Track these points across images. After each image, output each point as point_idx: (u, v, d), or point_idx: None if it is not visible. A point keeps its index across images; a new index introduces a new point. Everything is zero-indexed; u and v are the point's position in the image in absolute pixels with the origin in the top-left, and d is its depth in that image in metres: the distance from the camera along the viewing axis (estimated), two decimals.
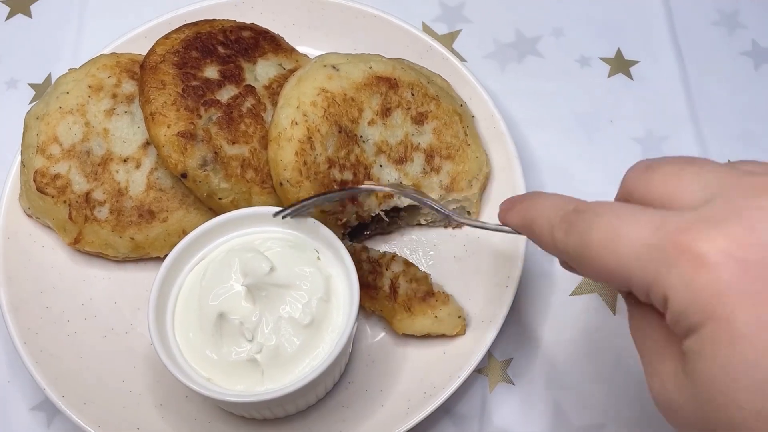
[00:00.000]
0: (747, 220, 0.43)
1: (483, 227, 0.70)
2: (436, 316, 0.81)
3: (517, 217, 0.59)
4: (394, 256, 0.84)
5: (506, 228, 0.62)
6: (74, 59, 1.05)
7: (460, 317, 0.81)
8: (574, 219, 0.51)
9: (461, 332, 0.81)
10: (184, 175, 0.82)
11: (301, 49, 0.98)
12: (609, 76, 1.05)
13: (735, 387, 0.41)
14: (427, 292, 0.81)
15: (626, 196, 0.51)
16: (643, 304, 0.48)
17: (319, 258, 0.79)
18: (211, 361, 0.73)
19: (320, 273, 0.76)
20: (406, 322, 0.81)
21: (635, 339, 0.51)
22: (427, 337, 0.83)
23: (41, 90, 1.04)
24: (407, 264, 0.83)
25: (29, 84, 1.04)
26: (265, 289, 0.75)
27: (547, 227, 0.54)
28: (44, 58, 1.06)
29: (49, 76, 1.05)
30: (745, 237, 0.42)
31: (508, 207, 0.61)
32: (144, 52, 0.92)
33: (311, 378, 0.71)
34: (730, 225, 0.43)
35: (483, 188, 0.90)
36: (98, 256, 0.87)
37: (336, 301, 0.76)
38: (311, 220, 0.79)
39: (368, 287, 0.82)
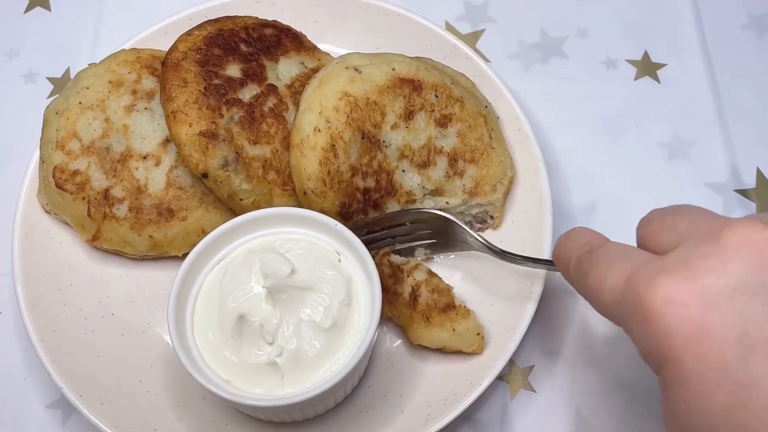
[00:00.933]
0: (691, 267, 0.47)
1: (526, 264, 0.78)
2: (454, 330, 0.79)
3: (554, 251, 0.66)
4: (417, 265, 0.82)
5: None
6: (93, 53, 1.04)
7: (479, 334, 0.79)
8: (583, 261, 0.57)
9: (478, 351, 0.79)
10: (205, 175, 0.81)
11: (322, 47, 0.97)
12: (635, 79, 1.03)
13: (692, 423, 0.46)
14: (447, 304, 0.80)
15: (640, 242, 0.56)
16: None
17: (340, 260, 0.78)
18: (231, 363, 0.73)
19: (341, 275, 0.75)
20: (422, 332, 0.80)
21: None
22: (441, 351, 0.81)
23: (60, 84, 1.03)
24: (430, 273, 0.82)
25: (47, 78, 1.04)
26: (285, 292, 0.74)
27: (565, 265, 0.61)
28: (63, 51, 1.05)
29: (67, 71, 1.04)
30: (686, 283, 0.46)
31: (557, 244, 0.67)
32: (164, 48, 0.91)
33: (332, 383, 0.70)
34: (677, 273, 0.47)
35: (507, 192, 0.89)
36: (116, 253, 0.87)
37: (357, 305, 0.75)
38: (332, 221, 0.78)
39: (387, 292, 0.81)
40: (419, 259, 0.86)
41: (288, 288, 0.74)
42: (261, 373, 0.72)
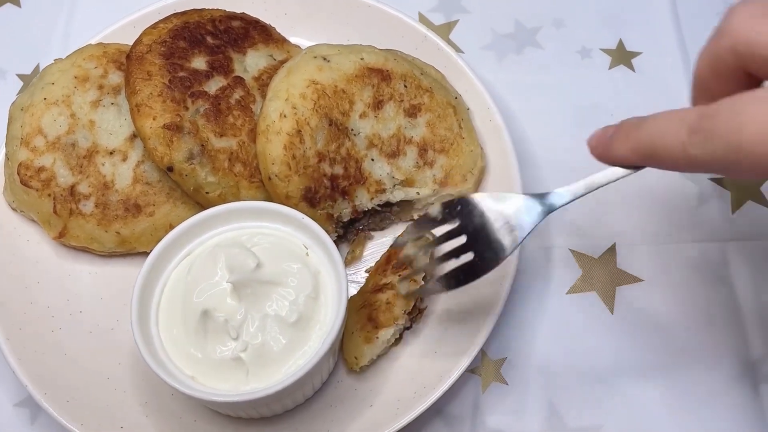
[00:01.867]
0: None
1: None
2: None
3: (627, 147, 0.56)
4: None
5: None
6: (64, 50, 1.03)
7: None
8: (709, 126, 0.48)
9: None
10: (170, 169, 0.80)
11: (293, 39, 0.96)
12: (610, 68, 1.02)
13: None
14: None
15: (736, 50, 0.50)
16: None
17: (308, 254, 0.77)
18: (195, 359, 0.72)
19: (308, 269, 0.74)
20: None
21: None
22: (417, 336, 0.80)
23: (29, 81, 1.01)
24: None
25: (17, 75, 1.03)
26: (250, 286, 0.73)
27: (677, 146, 0.51)
28: (33, 48, 1.04)
29: (37, 67, 1.03)
30: None
31: (607, 140, 0.59)
32: (132, 43, 0.91)
33: (296, 378, 0.69)
34: None
35: (478, 183, 0.88)
36: (84, 250, 0.86)
37: (324, 298, 0.74)
38: (300, 215, 0.77)
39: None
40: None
41: (253, 282, 0.73)
42: (226, 368, 0.71)
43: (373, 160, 0.85)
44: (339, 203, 0.83)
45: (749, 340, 0.83)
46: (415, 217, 0.89)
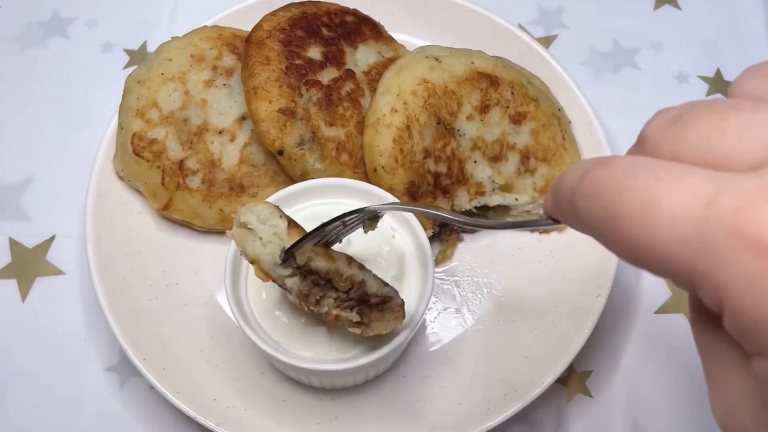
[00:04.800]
0: None
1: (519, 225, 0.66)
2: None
3: (549, 196, 0.43)
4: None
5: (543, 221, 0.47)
6: (171, 29, 1.06)
7: None
8: (600, 179, 0.36)
9: None
10: (280, 152, 0.82)
11: (397, 38, 0.98)
12: (707, 95, 1.02)
13: None
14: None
15: (671, 152, 0.36)
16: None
17: (394, 236, 0.78)
18: (282, 325, 0.73)
19: (395, 251, 0.76)
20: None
21: (697, 343, 0.38)
22: (506, 340, 0.81)
23: (136, 57, 1.04)
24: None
25: (125, 50, 1.05)
26: None
27: (567, 193, 0.39)
28: (141, 25, 1.07)
29: (144, 44, 1.05)
30: None
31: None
32: (244, 28, 0.93)
33: (376, 357, 0.69)
34: None
35: None
36: (184, 224, 0.88)
37: (408, 282, 0.75)
38: (395, 199, 0.78)
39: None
40: None
41: None
42: (310, 335, 0.72)
43: (475, 162, 0.86)
44: (439, 201, 0.84)
45: None
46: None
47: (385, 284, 0.66)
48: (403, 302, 0.67)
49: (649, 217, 0.33)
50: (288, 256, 0.63)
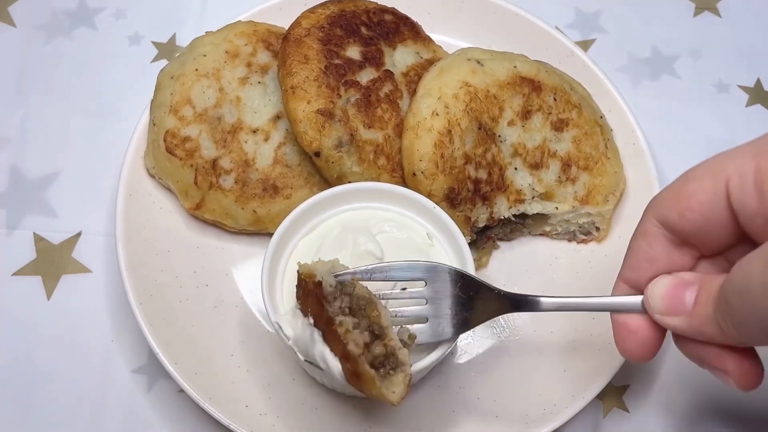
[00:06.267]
0: None
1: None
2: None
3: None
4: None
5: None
6: (200, 22, 1.04)
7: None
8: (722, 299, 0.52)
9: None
10: (317, 154, 0.80)
11: (434, 38, 0.95)
12: (747, 106, 1.00)
13: None
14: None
15: None
16: None
17: (432, 244, 0.76)
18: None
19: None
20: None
21: None
22: (545, 354, 0.79)
23: (165, 49, 1.02)
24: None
25: (153, 42, 1.03)
26: None
27: (712, 326, 0.56)
28: (169, 16, 1.05)
29: (173, 37, 1.03)
30: None
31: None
32: (277, 24, 0.91)
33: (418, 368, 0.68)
34: None
35: (616, 205, 0.86)
36: (215, 225, 0.86)
37: None
38: (432, 204, 0.76)
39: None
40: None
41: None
42: None
43: (516, 169, 0.84)
44: (478, 207, 0.82)
45: None
46: (547, 230, 0.88)
47: (403, 346, 0.64)
48: (411, 377, 0.63)
49: None
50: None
